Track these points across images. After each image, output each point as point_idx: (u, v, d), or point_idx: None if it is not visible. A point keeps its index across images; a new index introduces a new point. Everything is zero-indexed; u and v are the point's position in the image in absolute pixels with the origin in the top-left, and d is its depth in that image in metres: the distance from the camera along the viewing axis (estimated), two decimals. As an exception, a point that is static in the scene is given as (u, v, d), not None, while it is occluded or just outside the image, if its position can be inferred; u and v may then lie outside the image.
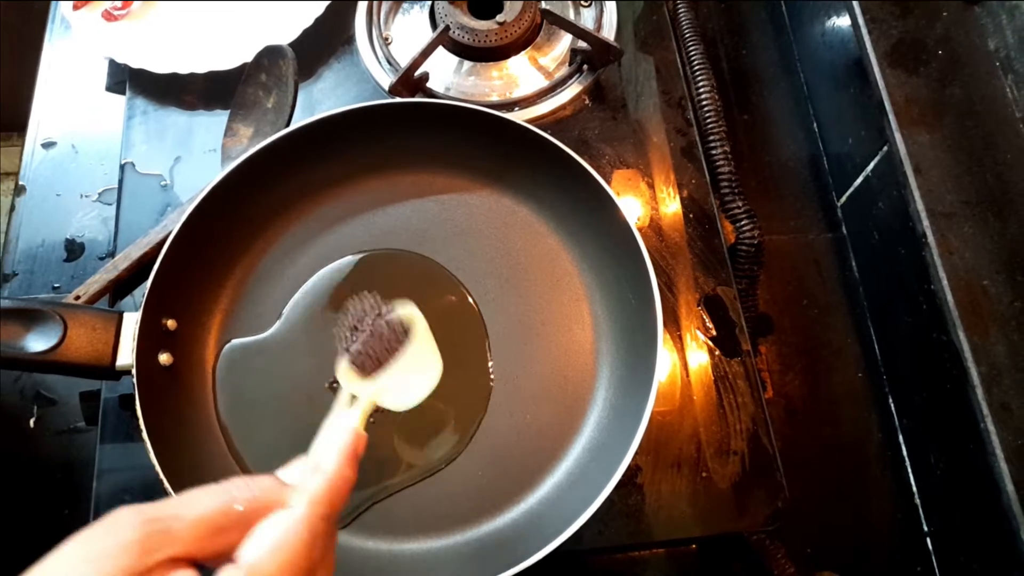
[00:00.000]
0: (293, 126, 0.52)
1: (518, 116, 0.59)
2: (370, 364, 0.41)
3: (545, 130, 0.51)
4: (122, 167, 0.60)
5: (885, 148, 0.56)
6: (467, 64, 0.65)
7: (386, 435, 0.49)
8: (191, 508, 0.27)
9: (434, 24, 0.65)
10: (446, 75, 0.64)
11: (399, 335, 0.41)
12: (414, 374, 0.40)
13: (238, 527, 0.27)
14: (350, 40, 0.65)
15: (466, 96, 0.63)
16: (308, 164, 0.54)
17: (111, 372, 0.47)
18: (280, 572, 0.26)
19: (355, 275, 0.54)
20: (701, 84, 0.64)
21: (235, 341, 0.51)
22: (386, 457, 0.49)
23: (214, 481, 0.29)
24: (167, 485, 0.42)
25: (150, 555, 0.25)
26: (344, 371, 0.39)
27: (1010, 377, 0.46)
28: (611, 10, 0.66)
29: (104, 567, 0.24)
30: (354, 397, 0.37)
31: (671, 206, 0.59)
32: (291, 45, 0.59)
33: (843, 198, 0.64)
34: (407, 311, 0.41)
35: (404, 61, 0.61)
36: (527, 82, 0.64)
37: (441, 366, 0.42)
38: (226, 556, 0.27)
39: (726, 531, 0.51)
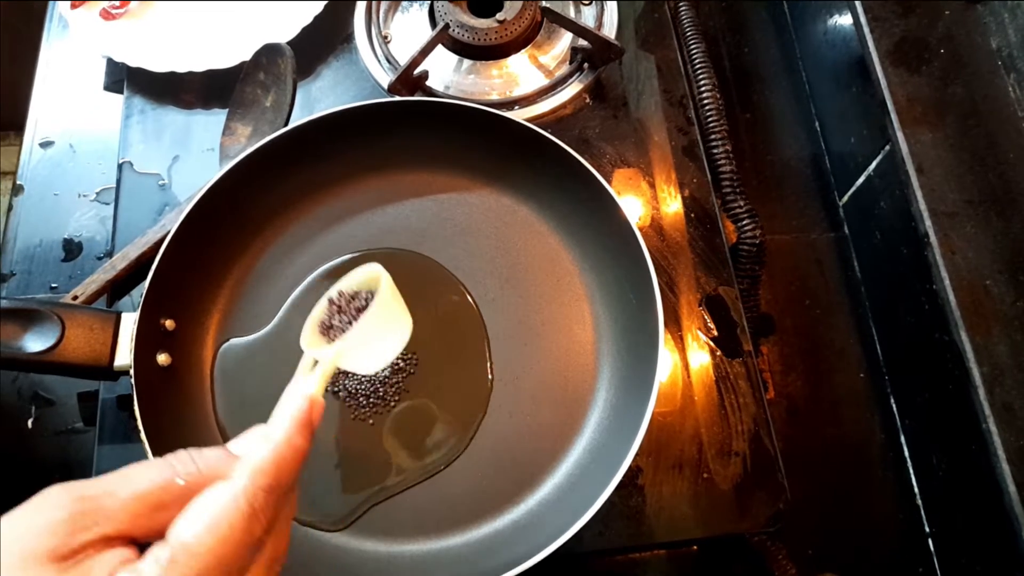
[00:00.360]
0: (292, 125, 0.52)
1: (518, 115, 0.59)
2: (333, 329, 0.39)
3: (545, 129, 0.51)
4: (120, 166, 0.60)
5: (887, 147, 0.56)
6: (467, 62, 0.64)
7: (385, 436, 0.49)
8: (127, 484, 0.26)
9: (433, 22, 0.65)
10: (446, 74, 0.64)
11: (362, 303, 0.39)
12: (379, 336, 0.38)
13: (180, 503, 0.26)
14: (349, 38, 0.65)
15: (466, 95, 0.62)
16: (307, 163, 0.54)
17: (109, 372, 0.46)
18: (215, 548, 0.24)
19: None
20: (702, 83, 0.63)
21: (233, 340, 0.51)
22: (385, 458, 0.48)
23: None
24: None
25: (79, 535, 0.24)
26: (306, 335, 0.37)
27: (1012, 377, 0.45)
28: (612, 8, 0.66)
29: (28, 547, 0.23)
30: (316, 362, 0.35)
31: (672, 205, 0.59)
32: (290, 43, 0.59)
33: (845, 197, 0.64)
34: (371, 270, 0.39)
35: (403, 59, 0.60)
36: (527, 80, 0.64)
37: (409, 327, 0.40)
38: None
39: (727, 532, 0.50)
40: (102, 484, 0.26)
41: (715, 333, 0.55)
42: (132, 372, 0.45)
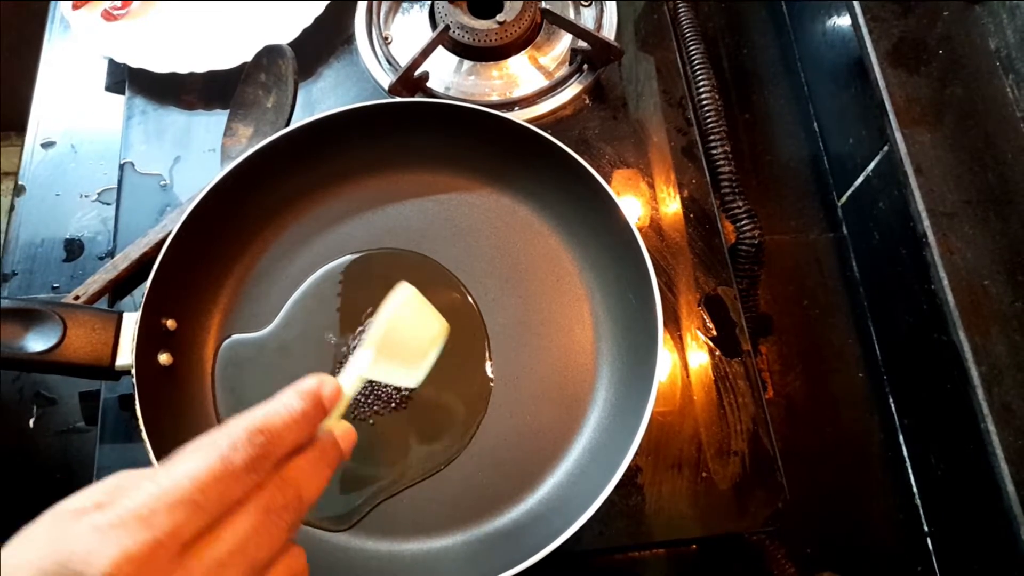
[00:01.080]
0: (293, 126, 0.52)
1: (518, 116, 0.59)
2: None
3: (545, 130, 0.51)
4: (121, 167, 0.60)
5: (886, 148, 0.56)
6: (467, 64, 0.65)
7: (385, 436, 0.49)
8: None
9: (434, 24, 0.65)
10: (446, 75, 0.64)
11: None
12: (400, 342, 0.38)
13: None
14: (350, 40, 0.65)
15: (466, 96, 0.62)
16: (307, 164, 0.54)
17: (111, 372, 0.46)
18: (189, 467, 0.26)
19: (354, 274, 0.54)
20: (702, 83, 0.64)
21: (236, 336, 0.51)
22: (385, 458, 0.49)
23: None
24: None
25: (113, 496, 0.26)
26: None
27: (1011, 377, 0.46)
28: (611, 9, 0.66)
29: (66, 505, 0.26)
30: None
31: (671, 206, 0.59)
32: (291, 44, 0.59)
33: (844, 198, 0.64)
34: (397, 287, 0.40)
35: (404, 61, 0.61)
36: (527, 82, 0.64)
37: (437, 333, 0.40)
38: None
39: (726, 532, 0.50)
40: (157, 468, 0.28)
41: (714, 333, 0.55)
42: (133, 372, 0.45)
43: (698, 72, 0.64)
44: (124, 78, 0.64)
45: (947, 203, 0.50)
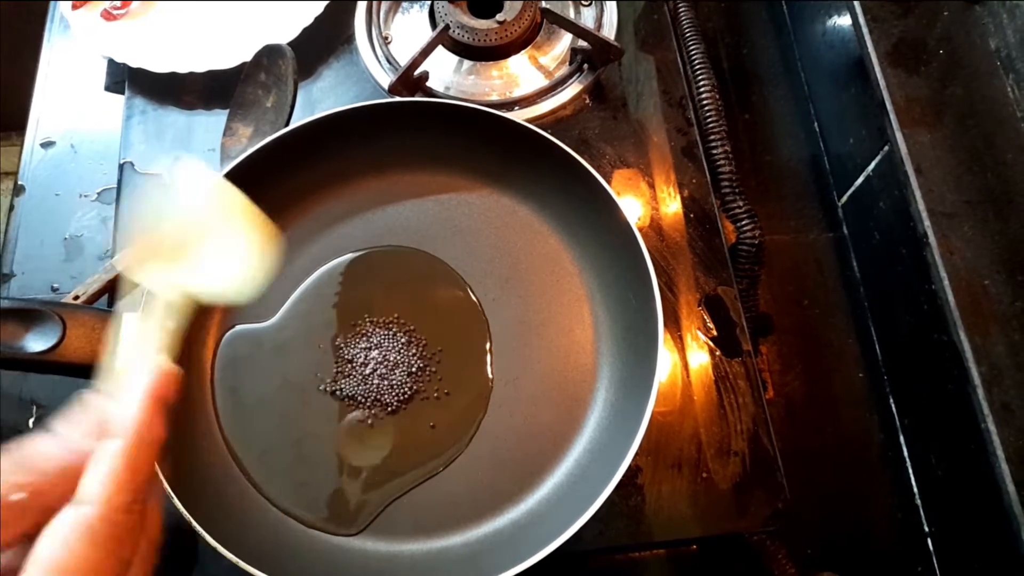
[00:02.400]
0: (292, 125, 0.52)
1: (518, 115, 0.59)
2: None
3: (545, 129, 0.51)
4: (121, 167, 0.60)
5: (886, 148, 0.56)
6: (467, 63, 0.65)
7: (386, 439, 0.49)
8: None
9: (434, 23, 0.65)
10: (446, 74, 0.64)
11: None
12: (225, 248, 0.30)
13: (27, 515, 0.25)
14: (350, 39, 0.65)
15: (466, 95, 0.62)
16: (307, 163, 0.54)
17: (110, 372, 0.46)
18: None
19: (355, 273, 0.54)
20: (702, 83, 0.64)
21: (237, 328, 0.51)
22: (386, 460, 0.48)
23: (214, 483, 0.27)
24: (166, 486, 0.42)
25: None
26: (130, 257, 0.28)
27: (1011, 377, 0.46)
28: (611, 9, 0.66)
29: None
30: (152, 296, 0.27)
31: (672, 206, 0.59)
32: (291, 44, 0.59)
33: (844, 198, 0.64)
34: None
35: (404, 60, 0.61)
36: (527, 81, 0.64)
37: (247, 215, 0.33)
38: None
39: (727, 532, 0.50)
40: None
41: (714, 333, 0.55)
42: (133, 372, 0.45)
43: (698, 72, 0.64)
44: (124, 78, 0.64)
45: (947, 203, 0.50)
